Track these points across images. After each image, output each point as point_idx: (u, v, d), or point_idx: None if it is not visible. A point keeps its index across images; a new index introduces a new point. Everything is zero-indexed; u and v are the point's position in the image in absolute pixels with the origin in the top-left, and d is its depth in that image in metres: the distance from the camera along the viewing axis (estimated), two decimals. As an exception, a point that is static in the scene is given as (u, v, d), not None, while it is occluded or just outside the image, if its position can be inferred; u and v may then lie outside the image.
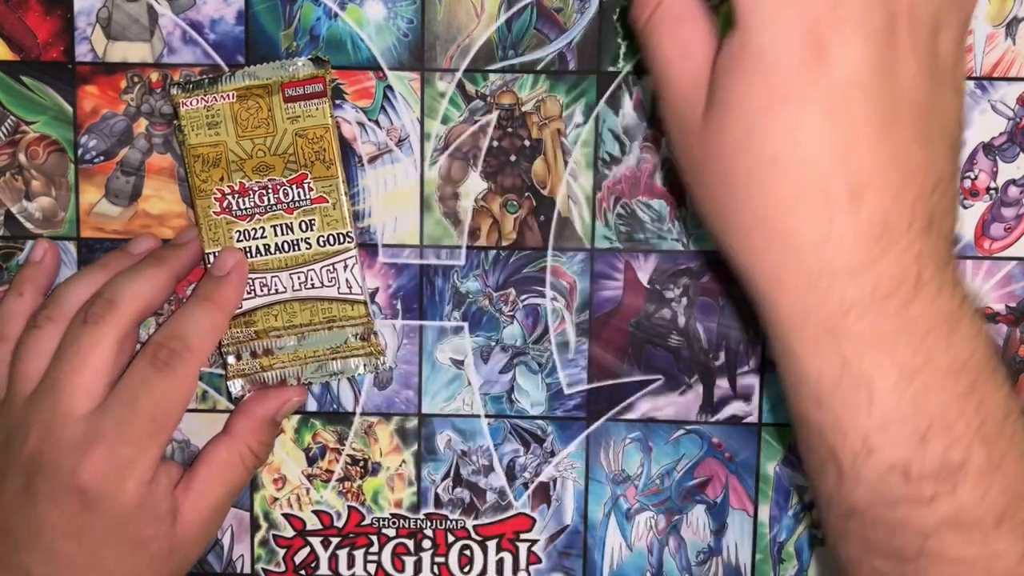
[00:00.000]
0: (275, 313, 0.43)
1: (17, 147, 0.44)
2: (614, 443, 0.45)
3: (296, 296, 0.43)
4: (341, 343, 0.43)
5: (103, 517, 0.38)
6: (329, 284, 0.43)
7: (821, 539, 0.45)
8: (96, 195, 0.44)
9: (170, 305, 0.44)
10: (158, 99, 0.44)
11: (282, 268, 0.43)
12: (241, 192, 0.42)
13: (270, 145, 0.42)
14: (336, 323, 0.43)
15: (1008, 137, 0.43)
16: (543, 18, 0.43)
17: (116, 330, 0.39)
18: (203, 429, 0.45)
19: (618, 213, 0.44)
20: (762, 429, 0.45)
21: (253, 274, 0.43)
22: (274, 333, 0.43)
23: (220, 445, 0.42)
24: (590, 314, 0.44)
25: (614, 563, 0.46)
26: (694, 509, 0.45)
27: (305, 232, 0.43)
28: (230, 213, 0.43)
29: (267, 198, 0.42)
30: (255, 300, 0.43)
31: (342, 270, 0.43)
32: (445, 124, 0.44)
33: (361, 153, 0.44)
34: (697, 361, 0.45)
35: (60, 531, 0.38)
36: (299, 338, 0.43)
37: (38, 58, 0.44)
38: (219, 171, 0.42)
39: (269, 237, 0.43)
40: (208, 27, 0.43)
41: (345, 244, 0.43)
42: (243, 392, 0.44)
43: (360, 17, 0.43)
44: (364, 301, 0.43)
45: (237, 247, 0.42)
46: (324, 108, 0.42)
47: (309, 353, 0.43)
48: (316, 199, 0.43)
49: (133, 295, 0.40)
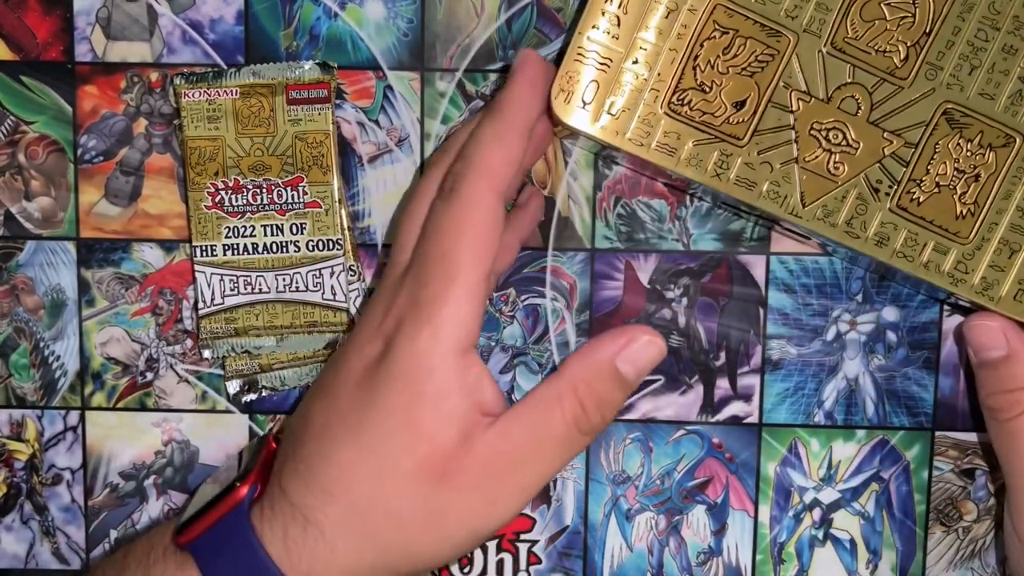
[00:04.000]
0: (257, 312, 0.43)
1: (17, 147, 0.44)
2: (614, 443, 0.45)
3: (280, 297, 0.43)
4: (321, 347, 0.43)
5: (394, 373, 0.34)
6: (314, 289, 0.43)
7: (822, 540, 0.45)
8: (96, 195, 0.44)
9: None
10: (158, 99, 0.44)
11: (268, 268, 0.43)
12: (235, 189, 0.42)
13: (269, 145, 0.42)
14: (316, 328, 0.43)
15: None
16: (543, 18, 0.43)
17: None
18: (203, 429, 0.45)
19: (618, 213, 0.44)
20: (762, 429, 0.45)
21: (238, 271, 0.43)
22: (253, 332, 0.43)
23: (543, 383, 0.35)
24: (590, 314, 0.44)
25: (614, 564, 0.45)
26: (694, 509, 0.45)
27: (295, 235, 0.43)
28: (221, 209, 0.42)
29: (260, 197, 0.42)
30: (238, 298, 0.43)
31: (328, 276, 0.43)
32: (445, 124, 0.44)
33: (361, 153, 0.44)
34: (697, 361, 0.45)
35: (352, 378, 0.35)
36: (278, 339, 0.43)
37: (38, 58, 0.44)
38: (215, 165, 0.42)
39: (258, 236, 0.43)
40: (208, 27, 0.43)
41: (334, 251, 0.43)
42: (241, 392, 0.44)
43: (360, 17, 0.43)
44: (347, 309, 0.43)
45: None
46: (326, 114, 0.42)
47: (300, 355, 0.43)
48: (310, 203, 0.43)
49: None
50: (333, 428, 0.34)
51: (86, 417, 0.45)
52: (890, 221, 0.38)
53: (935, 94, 0.37)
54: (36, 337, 0.45)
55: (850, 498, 0.45)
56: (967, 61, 0.37)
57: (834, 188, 0.37)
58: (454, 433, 0.33)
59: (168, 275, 0.44)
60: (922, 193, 0.38)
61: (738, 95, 0.37)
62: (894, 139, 0.37)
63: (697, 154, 0.37)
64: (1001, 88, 0.37)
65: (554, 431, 0.34)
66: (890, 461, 0.45)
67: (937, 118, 0.37)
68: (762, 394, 0.45)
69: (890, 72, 0.37)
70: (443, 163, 0.37)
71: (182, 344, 0.45)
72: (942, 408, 0.44)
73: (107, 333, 0.45)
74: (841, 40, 0.37)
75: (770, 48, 0.37)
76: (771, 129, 0.37)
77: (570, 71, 0.37)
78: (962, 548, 0.45)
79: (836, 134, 0.37)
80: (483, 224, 0.34)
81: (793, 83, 0.37)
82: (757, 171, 0.37)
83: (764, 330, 0.44)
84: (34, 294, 0.45)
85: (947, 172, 0.37)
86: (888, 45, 0.37)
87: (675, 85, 0.37)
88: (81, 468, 0.46)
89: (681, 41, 0.37)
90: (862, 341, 0.44)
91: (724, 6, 0.37)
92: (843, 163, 0.37)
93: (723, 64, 0.37)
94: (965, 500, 0.45)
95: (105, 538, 0.46)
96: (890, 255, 0.38)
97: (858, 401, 0.44)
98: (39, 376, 0.45)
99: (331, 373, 0.36)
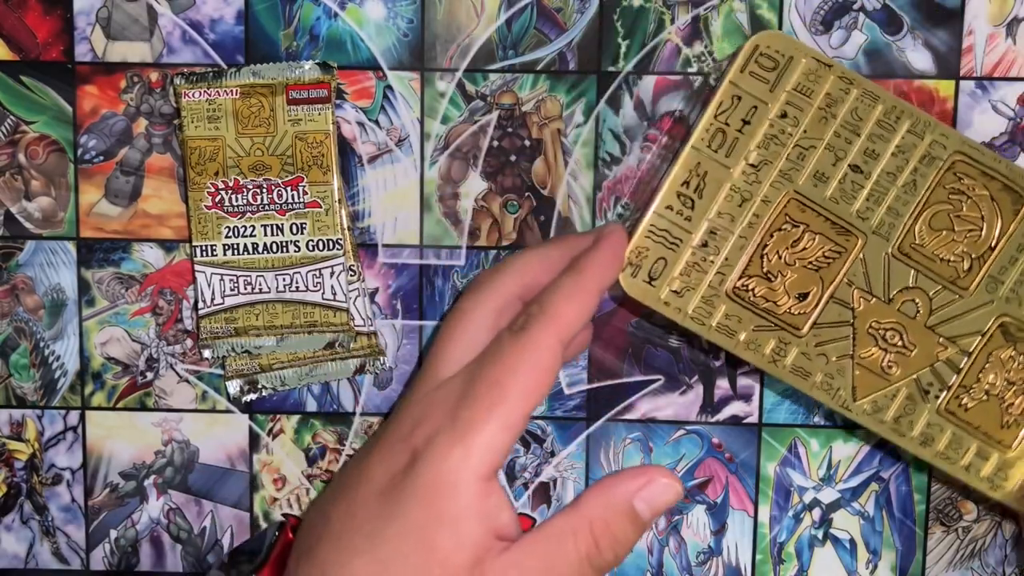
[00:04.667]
0: (257, 312, 0.43)
1: (17, 147, 0.44)
2: (614, 443, 0.45)
3: (280, 297, 0.43)
4: (321, 347, 0.43)
5: (418, 487, 0.34)
6: (314, 289, 0.43)
7: (821, 540, 0.45)
8: (96, 195, 0.44)
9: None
10: (158, 99, 0.44)
11: (268, 268, 0.43)
12: (235, 189, 0.42)
13: (269, 145, 0.42)
14: (316, 328, 0.43)
15: (1009, 137, 0.43)
16: (543, 18, 0.43)
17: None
18: (203, 429, 0.45)
19: (618, 213, 0.44)
20: (762, 429, 0.45)
21: (238, 271, 0.43)
22: (253, 332, 0.43)
23: (559, 515, 0.35)
24: (590, 314, 0.44)
25: (614, 564, 0.45)
26: (694, 509, 0.45)
27: (295, 235, 0.43)
28: (221, 208, 0.42)
29: (260, 197, 0.42)
30: (238, 298, 0.43)
31: (328, 276, 0.43)
32: (445, 124, 0.44)
33: (361, 153, 0.44)
34: (697, 361, 0.45)
35: (375, 486, 0.35)
36: (278, 339, 0.43)
37: (38, 58, 0.44)
38: (215, 165, 0.42)
39: (258, 236, 0.43)
40: (208, 27, 0.43)
41: (334, 251, 0.43)
42: (241, 392, 0.44)
43: (360, 17, 0.43)
44: (346, 309, 0.43)
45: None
46: (327, 114, 0.42)
47: (300, 355, 0.43)
48: (310, 203, 0.43)
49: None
50: (351, 535, 0.34)
51: (86, 417, 0.45)
52: (936, 423, 0.38)
53: (993, 306, 0.38)
54: (36, 337, 0.45)
55: (850, 498, 0.45)
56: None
57: (886, 386, 0.38)
58: (467, 558, 0.33)
59: (168, 275, 0.44)
60: (971, 400, 0.38)
61: (802, 287, 0.38)
62: (949, 345, 0.38)
63: (756, 339, 0.38)
64: None
65: (566, 566, 0.34)
66: (890, 461, 0.45)
67: (993, 329, 0.38)
68: (762, 394, 0.45)
69: (952, 281, 0.38)
70: (495, 289, 0.37)
71: (182, 344, 0.45)
72: (942, 408, 0.44)
73: (107, 333, 0.45)
74: (908, 245, 0.38)
75: (838, 246, 0.38)
76: (831, 323, 0.38)
77: (640, 246, 0.38)
78: (962, 548, 0.45)
79: (893, 335, 0.38)
80: (543, 367, 0.34)
81: (857, 282, 0.38)
82: (813, 362, 0.38)
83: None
84: (34, 294, 0.45)
85: (997, 382, 0.38)
86: (953, 255, 0.38)
87: (742, 271, 0.38)
88: (81, 468, 0.46)
89: (752, 229, 0.38)
90: (862, 341, 0.44)
91: (798, 200, 0.38)
92: (897, 363, 0.38)
93: (790, 256, 0.38)
94: (965, 500, 0.45)
95: (105, 538, 0.46)
96: (933, 455, 0.38)
97: (858, 401, 0.44)
98: (39, 376, 0.45)
99: (354, 475, 0.36)
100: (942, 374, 0.38)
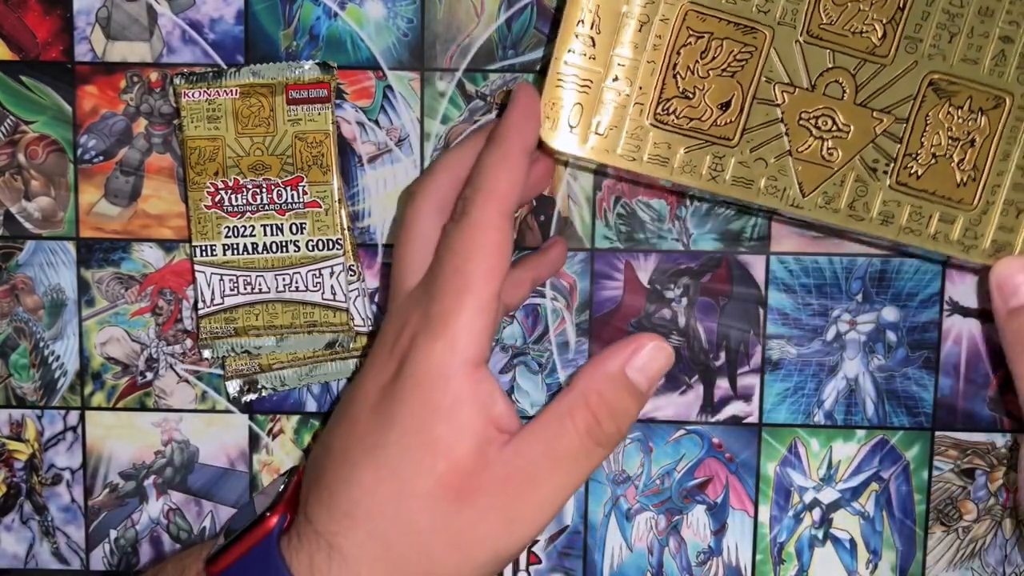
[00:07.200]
0: (256, 312, 0.43)
1: (16, 147, 0.44)
2: (614, 443, 0.45)
3: (280, 297, 0.43)
4: (321, 348, 0.43)
5: (408, 388, 0.34)
6: (314, 289, 0.43)
7: (821, 540, 0.45)
8: (95, 195, 0.44)
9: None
10: (157, 99, 0.44)
11: (268, 268, 0.43)
12: (235, 188, 0.42)
13: (269, 145, 0.42)
14: (316, 328, 0.43)
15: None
16: (543, 18, 0.43)
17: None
18: (203, 429, 0.45)
19: (618, 213, 0.44)
20: (762, 429, 0.45)
21: (238, 271, 0.43)
22: (253, 332, 0.43)
23: (555, 399, 0.35)
24: (590, 314, 0.44)
25: (614, 563, 0.45)
26: (694, 509, 0.45)
27: (295, 235, 0.43)
28: (221, 208, 0.42)
29: (260, 197, 0.42)
30: (237, 298, 0.43)
31: (328, 276, 0.43)
32: (445, 124, 0.44)
33: (361, 153, 0.44)
34: (697, 361, 0.45)
35: (368, 402, 0.35)
36: (278, 339, 0.43)
37: (37, 58, 0.44)
38: (215, 165, 0.42)
39: (258, 236, 0.43)
40: (208, 27, 0.43)
41: (334, 251, 0.43)
42: (241, 392, 0.44)
43: (360, 17, 0.43)
44: (346, 309, 0.43)
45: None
46: (326, 114, 0.42)
47: (300, 356, 0.43)
48: (309, 203, 0.43)
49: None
50: (352, 452, 0.35)
51: (86, 417, 0.45)
52: (892, 199, 0.38)
53: (918, 67, 0.37)
54: (36, 337, 0.45)
55: (850, 498, 0.45)
56: (945, 29, 0.37)
57: (831, 174, 0.37)
58: (470, 446, 0.33)
59: (168, 275, 0.44)
60: (920, 166, 0.38)
61: (722, 96, 0.37)
62: (884, 117, 0.37)
63: (690, 160, 0.37)
64: (983, 51, 0.37)
65: (569, 445, 0.34)
66: (890, 461, 0.45)
67: (924, 90, 0.37)
68: (762, 394, 0.45)
69: (870, 51, 0.37)
70: (430, 192, 0.38)
71: (182, 344, 0.45)
72: (942, 408, 0.44)
73: (107, 333, 0.45)
74: (816, 27, 0.37)
75: (747, 45, 0.37)
76: (760, 125, 0.37)
77: (552, 98, 0.37)
78: (962, 548, 0.45)
79: (825, 120, 0.37)
80: (494, 243, 0.35)
81: (775, 76, 0.37)
82: (752, 168, 0.37)
83: (764, 330, 0.44)
84: (34, 294, 0.45)
85: (942, 142, 0.37)
86: (864, 25, 0.37)
87: (658, 96, 0.37)
88: (81, 468, 0.46)
89: (658, 52, 0.37)
90: (862, 341, 0.44)
91: (695, 11, 0.37)
92: (837, 148, 0.37)
93: (703, 68, 0.37)
94: (965, 500, 0.45)
95: (105, 538, 0.46)
96: (897, 232, 0.38)
97: (858, 401, 0.44)
98: (39, 376, 0.45)
99: (348, 399, 0.36)
100: (885, 147, 0.37)
